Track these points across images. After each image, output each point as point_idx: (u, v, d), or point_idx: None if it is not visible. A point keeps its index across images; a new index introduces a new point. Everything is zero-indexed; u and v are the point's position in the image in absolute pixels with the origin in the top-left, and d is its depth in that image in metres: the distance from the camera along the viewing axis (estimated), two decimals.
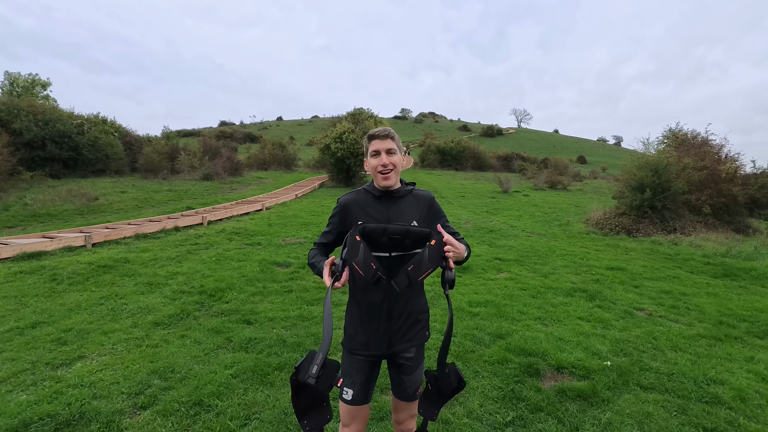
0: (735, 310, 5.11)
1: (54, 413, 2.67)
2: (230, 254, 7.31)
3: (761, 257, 8.14)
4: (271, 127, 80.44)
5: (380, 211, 1.75)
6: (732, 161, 12.90)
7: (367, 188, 1.83)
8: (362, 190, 1.84)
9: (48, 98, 30.01)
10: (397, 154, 1.77)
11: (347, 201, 1.81)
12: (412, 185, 1.88)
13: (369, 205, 1.77)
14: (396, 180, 1.78)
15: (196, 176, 19.94)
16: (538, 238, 10.09)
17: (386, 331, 1.73)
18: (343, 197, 1.84)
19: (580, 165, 44.51)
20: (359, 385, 1.75)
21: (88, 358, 3.52)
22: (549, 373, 3.39)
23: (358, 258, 1.51)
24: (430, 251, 1.52)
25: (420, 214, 1.80)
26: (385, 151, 1.73)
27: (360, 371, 1.76)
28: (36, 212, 11.44)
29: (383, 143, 1.74)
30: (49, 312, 4.52)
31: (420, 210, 1.81)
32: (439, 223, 1.83)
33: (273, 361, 3.46)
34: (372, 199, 1.79)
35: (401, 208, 1.77)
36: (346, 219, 1.78)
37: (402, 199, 1.80)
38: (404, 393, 1.81)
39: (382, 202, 1.78)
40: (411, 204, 1.80)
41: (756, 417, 2.85)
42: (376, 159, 1.74)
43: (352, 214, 1.77)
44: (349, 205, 1.79)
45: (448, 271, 1.54)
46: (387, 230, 1.60)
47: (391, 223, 1.71)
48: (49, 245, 7.01)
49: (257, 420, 2.69)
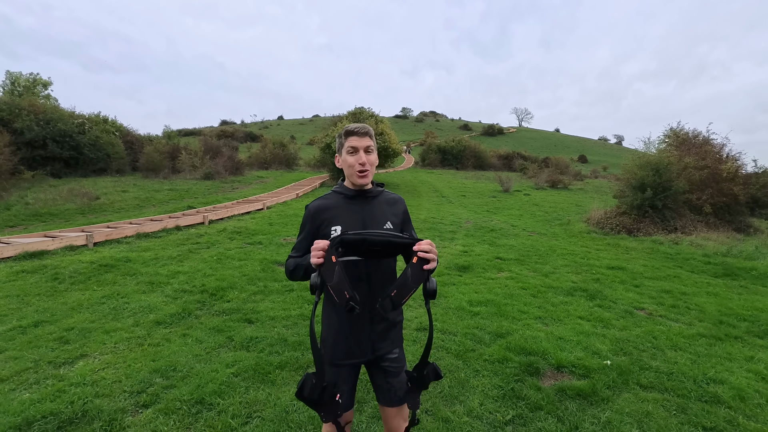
0: (735, 309, 5.11)
1: (57, 411, 2.69)
2: (231, 253, 7.33)
3: (762, 257, 8.13)
4: (272, 126, 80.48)
5: (354, 212, 1.70)
6: (733, 160, 12.88)
7: (337, 190, 1.77)
8: (332, 193, 1.77)
9: (49, 97, 30.09)
10: (374, 153, 1.73)
11: (318, 206, 1.72)
12: (381, 186, 1.85)
13: (342, 207, 1.71)
14: (371, 179, 1.75)
15: (197, 175, 19.97)
16: (538, 238, 10.09)
17: (369, 335, 1.69)
18: (312, 203, 1.74)
19: (581, 164, 44.48)
20: (346, 393, 1.72)
21: (90, 357, 3.54)
22: (549, 372, 3.40)
23: (332, 282, 1.41)
24: (412, 271, 1.44)
25: (395, 217, 1.78)
26: (364, 149, 1.67)
27: (347, 380, 1.72)
28: (37, 211, 11.47)
29: (362, 141, 1.67)
30: (51, 311, 4.54)
31: (395, 212, 1.79)
32: (408, 230, 1.83)
33: (274, 360, 3.47)
34: (344, 200, 1.73)
35: (374, 209, 1.74)
36: (320, 226, 1.69)
37: (375, 199, 1.76)
38: (395, 397, 1.76)
39: (355, 202, 1.73)
40: (384, 204, 1.77)
41: (755, 416, 2.86)
42: (354, 157, 1.67)
43: (325, 219, 1.69)
44: (321, 211, 1.70)
45: (428, 283, 1.46)
46: (366, 241, 1.49)
47: (367, 225, 1.69)
48: (51, 244, 7.03)
49: (258, 418, 2.70)
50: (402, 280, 1.45)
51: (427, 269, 1.43)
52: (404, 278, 1.45)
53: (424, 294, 1.46)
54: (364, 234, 1.50)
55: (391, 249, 1.51)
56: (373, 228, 1.69)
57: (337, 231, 1.65)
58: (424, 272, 1.44)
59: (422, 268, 1.44)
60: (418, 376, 1.58)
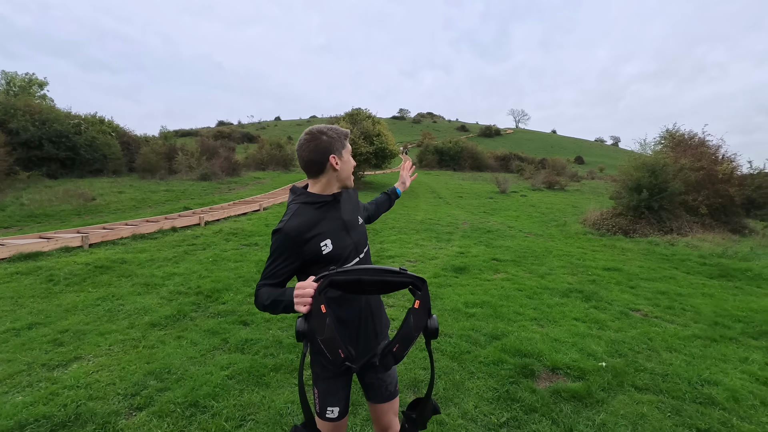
0: (730, 310, 5.13)
1: (50, 414, 2.67)
2: (227, 255, 7.31)
3: (757, 258, 8.16)
4: (269, 126, 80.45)
5: (333, 220, 1.60)
6: (729, 162, 12.95)
7: (307, 201, 1.59)
8: (301, 207, 1.58)
9: (45, 98, 29.93)
10: None
11: (297, 228, 1.51)
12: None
13: (321, 219, 1.57)
14: None
15: (194, 176, 19.90)
16: (535, 239, 10.11)
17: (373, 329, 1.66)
18: (285, 226, 1.50)
19: (577, 165, 44.65)
20: (344, 400, 1.67)
21: (85, 359, 3.52)
22: (544, 374, 3.40)
23: (324, 336, 1.26)
24: (415, 318, 1.31)
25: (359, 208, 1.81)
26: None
27: (345, 386, 1.67)
28: (33, 212, 11.41)
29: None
30: (46, 313, 4.52)
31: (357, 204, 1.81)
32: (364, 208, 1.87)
33: (269, 362, 3.46)
34: (318, 210, 1.58)
35: (347, 209, 1.69)
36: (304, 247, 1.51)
37: (341, 196, 1.69)
38: (386, 392, 1.73)
39: (331, 208, 1.62)
40: (348, 200, 1.74)
41: (749, 418, 2.86)
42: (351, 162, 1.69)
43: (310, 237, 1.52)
44: (301, 232, 1.51)
45: (430, 321, 1.32)
46: (360, 282, 1.31)
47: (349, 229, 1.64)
48: (46, 246, 7.00)
49: (252, 421, 2.69)
50: (404, 332, 1.33)
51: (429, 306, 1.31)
52: (407, 329, 1.32)
53: (425, 334, 1.33)
54: (356, 273, 1.31)
55: (387, 288, 1.35)
56: (355, 229, 1.67)
57: (328, 245, 1.54)
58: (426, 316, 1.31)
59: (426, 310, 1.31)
60: (417, 416, 1.44)
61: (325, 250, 1.53)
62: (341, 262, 1.57)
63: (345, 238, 1.61)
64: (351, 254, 1.61)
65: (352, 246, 1.63)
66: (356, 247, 1.65)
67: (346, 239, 1.62)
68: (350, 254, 1.61)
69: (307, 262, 1.54)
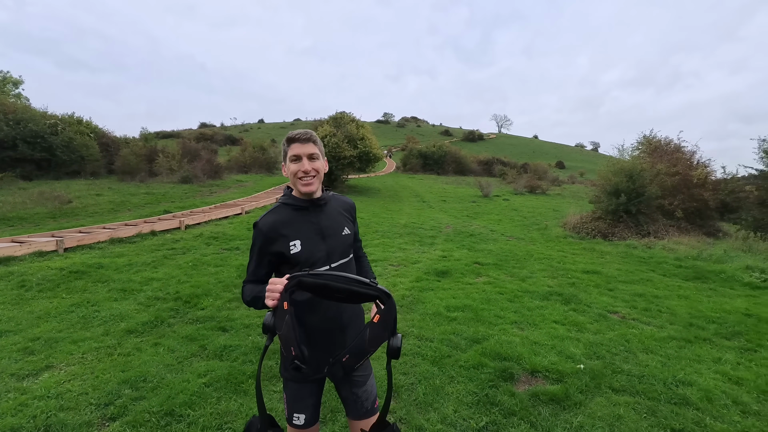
0: (705, 311, 5.26)
1: (18, 426, 2.58)
2: (207, 259, 7.20)
3: (730, 260, 8.40)
4: (253, 129, 79.72)
5: (309, 224, 1.62)
6: (703, 167, 13.33)
7: (285, 201, 1.66)
8: (281, 206, 1.65)
9: (20, 97, 29.13)
10: (320, 160, 1.65)
11: (270, 223, 1.59)
12: (329, 189, 1.79)
13: (295, 221, 1.61)
14: (318, 186, 1.66)
15: (175, 179, 19.58)
16: (516, 242, 10.22)
17: (340, 343, 1.61)
18: (261, 220, 1.61)
19: (558, 170, 45.34)
20: (312, 408, 1.66)
21: (56, 368, 3.41)
22: (523, 377, 3.43)
23: (281, 332, 1.29)
24: (371, 332, 1.30)
25: (349, 222, 1.75)
26: (307, 156, 1.60)
27: (312, 393, 1.66)
28: (5, 215, 11.06)
29: (304, 147, 1.60)
30: (16, 320, 4.37)
31: (349, 217, 1.76)
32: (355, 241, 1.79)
33: (248, 369, 3.41)
34: (296, 212, 1.63)
35: (330, 216, 1.68)
36: (274, 243, 1.57)
37: (327, 206, 1.70)
38: (362, 408, 1.69)
39: (310, 213, 1.64)
40: (336, 210, 1.73)
41: (722, 417, 2.93)
42: (297, 164, 1.59)
43: (280, 236, 1.57)
44: (271, 229, 1.58)
45: (393, 339, 1.30)
46: (328, 287, 1.33)
47: (325, 236, 1.62)
48: (19, 250, 6.78)
49: (230, 429, 2.65)
50: (358, 344, 1.32)
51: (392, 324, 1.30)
52: (360, 342, 1.31)
53: (387, 353, 1.30)
54: (325, 279, 1.32)
55: (355, 299, 1.35)
56: (333, 238, 1.65)
57: (296, 246, 1.57)
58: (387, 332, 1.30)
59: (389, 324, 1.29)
60: None
61: (293, 249, 1.57)
62: (309, 266, 1.55)
63: (318, 243, 1.61)
64: (320, 261, 1.60)
65: (323, 253, 1.61)
66: (328, 254, 1.63)
67: (319, 245, 1.61)
68: (319, 260, 1.60)
69: (276, 259, 1.60)
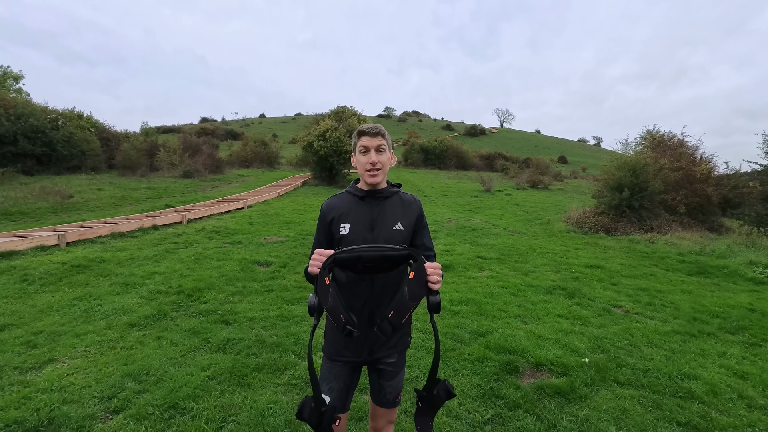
0: (708, 306, 5.24)
1: (21, 419, 2.58)
2: (210, 253, 7.19)
3: (733, 255, 8.37)
4: (254, 124, 79.52)
5: (364, 213, 1.70)
6: (706, 162, 13.27)
7: (349, 190, 1.78)
8: (345, 193, 1.79)
9: (20, 92, 29.08)
10: (386, 153, 1.72)
11: (328, 206, 1.76)
12: (398, 186, 1.83)
13: (352, 208, 1.72)
14: (383, 179, 1.74)
15: (176, 174, 19.56)
16: (519, 237, 10.19)
17: (367, 337, 1.65)
18: (325, 202, 1.79)
19: (561, 165, 45.19)
20: (337, 392, 1.69)
21: (59, 362, 3.41)
22: (528, 371, 3.42)
23: (327, 305, 1.41)
24: (410, 287, 1.42)
25: (407, 219, 1.75)
26: (375, 148, 1.68)
27: (339, 377, 1.70)
28: (7, 210, 11.06)
29: (373, 140, 1.68)
30: (19, 314, 4.37)
31: (407, 214, 1.76)
32: (421, 236, 1.80)
33: (251, 362, 3.40)
34: (355, 201, 1.74)
35: (385, 209, 1.73)
36: (330, 223, 1.72)
37: (387, 200, 1.75)
38: (384, 399, 1.77)
39: (365, 203, 1.73)
40: (396, 206, 1.76)
41: (727, 411, 2.92)
42: (365, 156, 1.68)
43: (335, 216, 1.71)
44: (330, 210, 1.73)
45: (432, 297, 1.43)
46: (361, 258, 1.46)
47: (375, 225, 1.68)
48: (21, 244, 6.78)
49: (234, 422, 2.64)
50: (399, 300, 1.43)
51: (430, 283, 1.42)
52: (401, 297, 1.43)
53: (428, 308, 1.44)
54: (357, 250, 1.45)
55: (389, 263, 1.49)
56: (382, 229, 1.68)
57: (346, 228, 1.67)
58: (424, 288, 1.41)
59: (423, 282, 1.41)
60: (427, 396, 1.52)
61: (342, 231, 1.68)
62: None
63: (365, 231, 1.68)
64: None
65: (368, 241, 1.66)
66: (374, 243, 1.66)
67: (366, 232, 1.68)
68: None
69: (330, 238, 1.72)
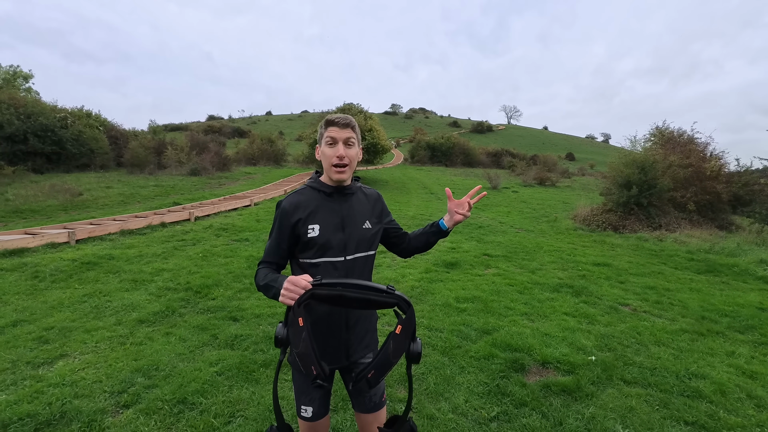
0: (717, 305, 5.20)
1: (34, 413, 2.62)
2: (217, 250, 7.24)
3: (743, 253, 8.27)
4: (260, 121, 79.79)
5: (332, 211, 1.58)
6: (716, 159, 13.11)
7: (312, 185, 1.63)
8: (307, 188, 1.62)
9: (30, 90, 29.35)
10: (355, 147, 1.59)
11: (293, 203, 1.56)
12: (357, 179, 1.74)
13: (319, 206, 1.58)
14: (350, 176, 1.61)
15: (183, 171, 19.70)
16: (526, 234, 10.16)
17: (344, 341, 1.59)
18: (285, 199, 1.59)
19: (568, 162, 44.94)
20: (318, 400, 1.62)
21: (70, 357, 3.46)
22: (534, 369, 3.42)
23: (299, 350, 1.28)
24: (394, 344, 1.29)
25: (374, 216, 1.69)
26: (343, 140, 1.54)
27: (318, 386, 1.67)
28: (18, 208, 11.21)
29: (342, 132, 1.53)
30: (31, 310, 4.43)
31: (374, 211, 1.70)
32: (386, 223, 1.75)
33: (259, 358, 3.44)
34: (321, 197, 1.59)
35: (353, 207, 1.63)
36: (295, 225, 1.55)
37: (353, 196, 1.65)
38: (370, 403, 1.66)
39: (333, 199, 1.60)
40: (362, 201, 1.67)
41: (736, 410, 2.90)
42: (332, 149, 1.54)
43: (301, 217, 1.54)
44: (295, 209, 1.55)
45: (413, 344, 1.31)
46: (342, 298, 1.31)
47: (345, 225, 1.58)
48: (32, 242, 6.87)
49: (242, 417, 2.67)
50: (382, 359, 1.31)
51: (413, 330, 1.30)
52: (384, 356, 1.31)
53: (407, 358, 1.32)
54: (338, 288, 1.31)
55: (373, 306, 1.34)
56: (353, 228, 1.59)
57: (314, 230, 1.53)
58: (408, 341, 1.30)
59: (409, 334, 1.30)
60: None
61: (310, 233, 1.53)
62: (324, 252, 1.54)
63: (336, 231, 1.56)
64: (336, 249, 1.56)
65: (340, 242, 1.56)
66: (345, 244, 1.57)
67: (337, 233, 1.56)
68: (335, 248, 1.56)
69: (294, 241, 1.57)
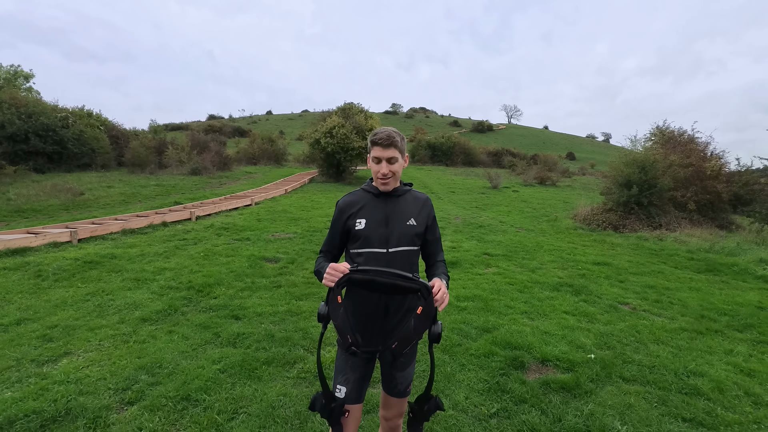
0: (716, 304, 5.22)
1: (39, 410, 2.65)
2: (219, 249, 7.27)
3: (743, 253, 8.30)
4: (261, 121, 79.76)
5: (378, 209, 1.78)
6: (717, 159, 13.12)
7: (366, 188, 1.85)
8: (360, 190, 1.86)
9: (31, 90, 29.36)
10: (399, 161, 1.77)
11: (346, 202, 1.83)
12: (409, 185, 1.91)
13: (367, 204, 1.80)
14: (395, 185, 1.81)
15: (184, 171, 19.73)
16: (526, 234, 10.18)
17: (382, 327, 1.71)
18: (341, 199, 1.86)
19: (569, 161, 44.89)
20: (353, 383, 1.73)
21: (74, 355, 3.49)
22: (534, 366, 3.45)
23: (336, 322, 1.52)
24: (416, 322, 1.48)
25: (420, 215, 1.83)
26: (386, 159, 1.72)
27: (354, 368, 1.74)
28: (20, 207, 11.25)
29: (385, 152, 1.72)
30: (34, 308, 4.47)
31: (421, 211, 1.84)
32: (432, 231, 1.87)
33: (261, 356, 3.47)
34: (370, 198, 1.81)
35: (400, 206, 1.80)
36: (347, 219, 1.79)
37: (401, 197, 1.83)
38: (395, 389, 1.83)
39: (380, 200, 1.81)
40: (410, 203, 1.84)
41: (733, 407, 2.93)
42: (377, 166, 1.75)
43: (351, 213, 1.79)
44: (347, 207, 1.81)
45: (434, 327, 1.50)
46: (374, 282, 1.52)
47: (389, 221, 1.75)
48: (34, 241, 6.91)
49: (245, 414, 2.70)
50: (404, 334, 1.52)
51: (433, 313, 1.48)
52: (406, 331, 1.51)
53: (429, 338, 1.52)
54: (371, 274, 1.51)
55: (399, 291, 1.53)
56: (396, 224, 1.76)
57: (361, 223, 1.75)
58: (429, 321, 1.48)
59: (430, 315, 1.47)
60: (419, 408, 1.66)
61: (357, 226, 1.75)
62: (368, 244, 1.74)
63: (380, 226, 1.76)
64: (379, 242, 1.74)
65: (383, 236, 1.74)
66: (387, 238, 1.74)
67: (381, 228, 1.75)
68: (378, 241, 1.74)
69: (346, 233, 1.80)
